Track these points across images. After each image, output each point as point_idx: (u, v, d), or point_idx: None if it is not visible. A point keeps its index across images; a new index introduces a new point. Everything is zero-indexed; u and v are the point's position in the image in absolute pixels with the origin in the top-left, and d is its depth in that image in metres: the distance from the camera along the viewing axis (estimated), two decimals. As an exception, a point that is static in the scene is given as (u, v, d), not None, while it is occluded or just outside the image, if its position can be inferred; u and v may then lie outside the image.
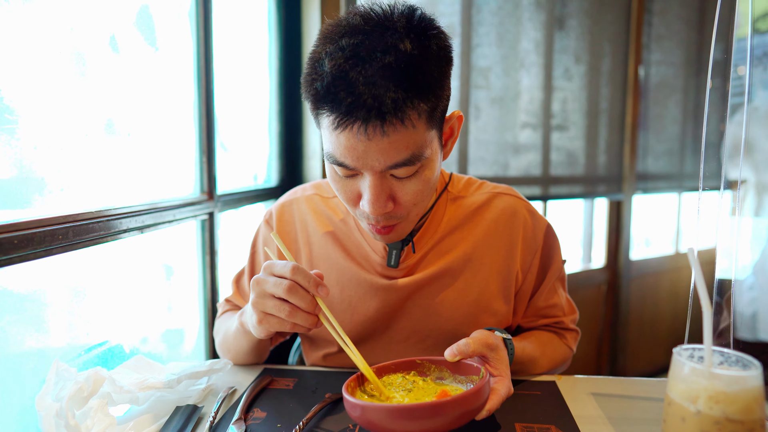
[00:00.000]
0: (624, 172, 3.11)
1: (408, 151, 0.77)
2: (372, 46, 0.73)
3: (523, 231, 1.02)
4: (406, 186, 0.82)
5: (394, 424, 0.66)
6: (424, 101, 0.75)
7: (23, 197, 0.82)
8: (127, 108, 1.06)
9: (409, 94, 0.73)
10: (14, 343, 0.82)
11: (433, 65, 0.76)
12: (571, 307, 1.12)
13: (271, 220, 1.09)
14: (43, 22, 0.84)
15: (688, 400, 0.58)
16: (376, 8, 0.78)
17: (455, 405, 0.66)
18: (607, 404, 0.88)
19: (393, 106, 0.72)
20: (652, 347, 3.49)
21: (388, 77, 0.72)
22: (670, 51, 3.27)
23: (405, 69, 0.73)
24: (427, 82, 0.75)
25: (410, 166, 0.79)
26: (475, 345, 0.80)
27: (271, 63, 1.89)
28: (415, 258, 0.98)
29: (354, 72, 0.72)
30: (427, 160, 0.81)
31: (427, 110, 0.77)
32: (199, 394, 0.89)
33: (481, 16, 2.54)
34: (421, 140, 0.78)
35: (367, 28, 0.75)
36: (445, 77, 0.80)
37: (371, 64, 0.72)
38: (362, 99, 0.72)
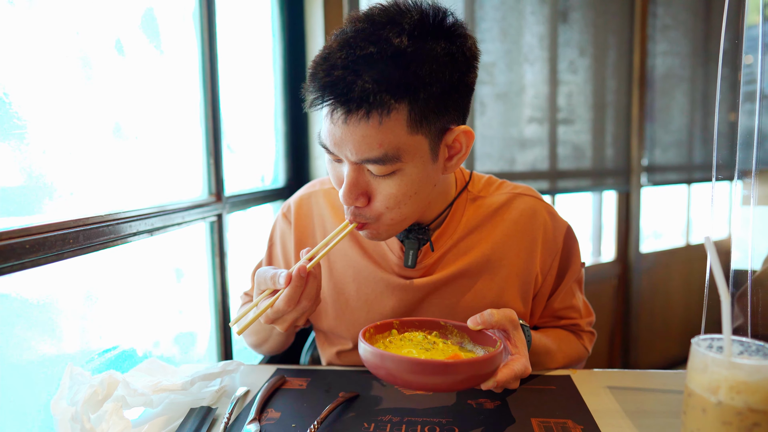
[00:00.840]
0: (632, 164, 3.09)
1: (380, 149, 0.76)
2: (367, 36, 0.74)
3: (543, 233, 1.00)
4: (380, 185, 0.81)
5: (403, 374, 0.69)
6: (400, 99, 0.74)
7: (34, 203, 0.82)
8: (134, 111, 1.06)
9: (381, 88, 0.72)
10: (28, 347, 0.83)
11: (429, 64, 0.74)
12: (588, 309, 1.11)
13: (289, 214, 1.08)
14: (49, 27, 0.84)
15: (709, 391, 0.57)
16: (403, 3, 0.77)
17: (462, 367, 0.69)
18: (623, 397, 0.88)
19: (360, 95, 0.72)
20: (665, 340, 3.46)
21: (367, 65, 0.72)
22: (677, 41, 3.24)
23: (387, 63, 0.72)
24: (409, 82, 0.73)
25: (382, 165, 0.77)
26: (498, 316, 0.80)
27: (275, 63, 1.89)
28: (433, 258, 0.97)
29: (337, 55, 0.73)
30: (407, 166, 0.79)
31: (408, 109, 0.75)
32: (212, 396, 0.89)
33: (483, 11, 2.53)
34: (397, 141, 0.76)
35: (378, 19, 0.75)
36: (449, 83, 0.77)
37: (354, 50, 0.73)
38: (334, 82, 0.73)
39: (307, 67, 1.94)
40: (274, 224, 1.12)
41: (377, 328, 0.82)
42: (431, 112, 0.77)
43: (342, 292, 1.01)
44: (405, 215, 0.85)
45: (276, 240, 1.11)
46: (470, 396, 0.88)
